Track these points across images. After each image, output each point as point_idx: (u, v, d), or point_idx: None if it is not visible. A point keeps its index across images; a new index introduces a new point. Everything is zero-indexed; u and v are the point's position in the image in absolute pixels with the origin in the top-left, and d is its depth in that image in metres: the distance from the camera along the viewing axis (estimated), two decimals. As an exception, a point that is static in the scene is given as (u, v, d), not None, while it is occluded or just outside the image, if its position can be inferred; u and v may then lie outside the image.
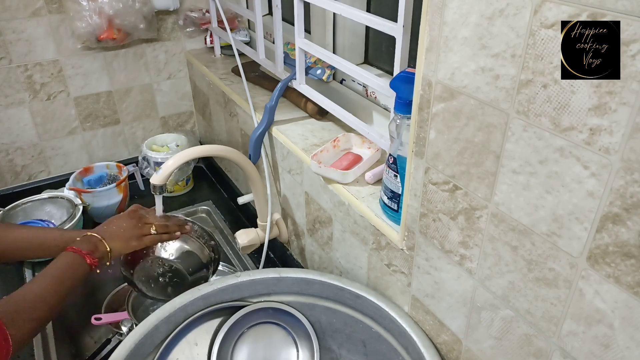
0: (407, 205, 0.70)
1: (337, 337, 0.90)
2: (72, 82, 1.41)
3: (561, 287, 0.51)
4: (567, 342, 0.52)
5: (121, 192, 1.33)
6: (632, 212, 0.42)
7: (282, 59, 1.12)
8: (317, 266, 1.07)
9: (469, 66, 0.53)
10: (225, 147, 0.99)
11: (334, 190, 0.88)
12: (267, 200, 1.09)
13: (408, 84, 0.65)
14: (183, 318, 0.83)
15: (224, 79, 1.33)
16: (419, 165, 0.65)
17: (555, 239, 0.50)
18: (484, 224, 0.58)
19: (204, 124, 1.60)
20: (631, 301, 0.45)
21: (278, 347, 0.89)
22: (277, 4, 1.03)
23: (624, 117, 0.40)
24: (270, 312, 0.87)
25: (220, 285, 0.85)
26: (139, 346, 0.77)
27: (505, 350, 0.61)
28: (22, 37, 1.30)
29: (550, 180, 0.48)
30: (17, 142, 1.41)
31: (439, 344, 0.74)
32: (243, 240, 1.11)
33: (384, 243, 0.79)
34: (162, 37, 1.48)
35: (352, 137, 0.96)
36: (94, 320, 1.04)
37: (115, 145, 1.56)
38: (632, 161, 0.41)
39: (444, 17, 0.54)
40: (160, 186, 0.91)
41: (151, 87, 1.54)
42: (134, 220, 0.92)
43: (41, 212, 1.28)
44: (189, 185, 1.53)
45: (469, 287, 0.64)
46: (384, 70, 1.05)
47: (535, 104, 0.47)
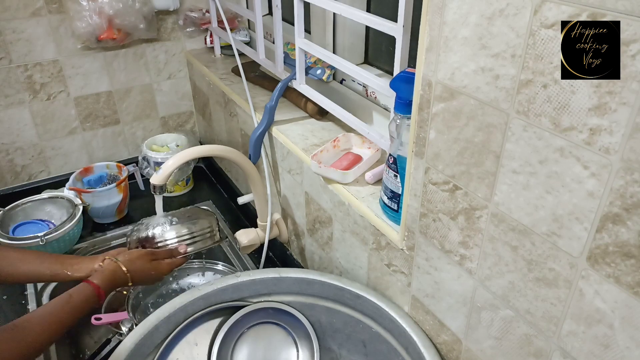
0: (407, 205, 0.70)
1: (337, 337, 0.90)
2: (72, 82, 1.41)
3: (561, 287, 0.51)
4: (567, 342, 0.52)
5: (121, 192, 1.33)
6: (632, 212, 0.42)
7: (282, 59, 1.12)
8: (317, 266, 1.07)
9: (469, 66, 0.53)
10: (225, 147, 0.99)
11: (334, 190, 0.88)
12: (267, 200, 1.09)
13: (408, 84, 0.65)
14: (183, 318, 0.83)
15: (224, 79, 1.33)
16: (419, 165, 0.65)
17: (555, 239, 0.50)
18: (484, 224, 0.58)
19: (204, 124, 1.60)
20: (631, 301, 0.45)
21: (278, 347, 0.89)
22: (277, 4, 1.03)
23: (624, 117, 0.40)
24: (270, 312, 0.87)
25: (220, 285, 0.85)
26: (139, 346, 0.77)
27: (505, 350, 0.61)
28: (22, 37, 1.29)
29: (550, 180, 0.48)
30: (17, 142, 1.41)
31: (439, 344, 0.74)
32: (243, 240, 1.11)
33: (384, 243, 0.79)
34: (162, 37, 1.48)
35: (352, 137, 0.96)
36: (94, 320, 1.04)
37: (115, 145, 1.56)
38: (632, 161, 0.41)
39: (444, 17, 0.54)
40: (160, 186, 0.92)
41: (151, 87, 1.54)
42: (146, 258, 0.92)
43: (41, 212, 1.27)
44: (189, 185, 1.53)
45: (469, 287, 0.64)
46: (384, 70, 1.05)
47: (535, 104, 0.47)
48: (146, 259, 0.91)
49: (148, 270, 0.90)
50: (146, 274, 0.90)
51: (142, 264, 0.90)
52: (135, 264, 0.89)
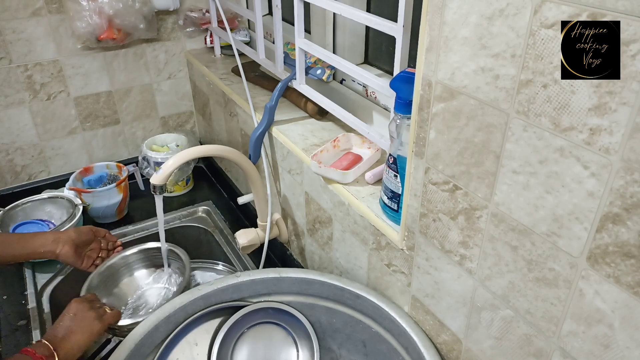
0: (407, 205, 0.70)
1: (337, 337, 0.90)
2: (72, 82, 1.41)
3: (561, 287, 0.51)
4: (567, 342, 0.52)
5: (121, 192, 1.33)
6: (632, 212, 0.42)
7: (282, 59, 1.12)
8: (317, 266, 1.07)
9: (469, 66, 0.53)
10: (225, 147, 0.99)
11: (334, 190, 0.88)
12: (267, 200, 1.09)
13: (408, 84, 0.65)
14: (183, 318, 0.83)
15: (224, 79, 1.33)
16: (419, 165, 0.65)
17: (555, 239, 0.50)
18: (484, 224, 0.58)
19: (204, 124, 1.60)
20: (631, 301, 0.45)
21: (278, 347, 0.89)
22: (277, 4, 1.03)
23: (624, 117, 0.40)
24: (270, 312, 0.87)
25: (220, 285, 0.85)
26: (139, 346, 0.77)
27: (505, 350, 0.61)
28: (22, 37, 1.29)
29: (550, 180, 0.48)
30: (17, 142, 1.41)
31: (439, 344, 0.74)
32: (243, 240, 1.11)
33: (384, 243, 0.79)
34: (162, 37, 1.48)
35: (352, 137, 0.96)
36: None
37: (115, 145, 1.56)
38: (632, 161, 0.41)
39: (444, 17, 0.54)
40: (160, 186, 0.91)
41: (151, 87, 1.54)
42: (84, 304, 0.86)
43: (41, 212, 1.28)
44: (189, 185, 1.53)
45: (469, 287, 0.64)
46: (384, 70, 1.05)
47: (535, 104, 0.47)
48: (79, 309, 0.84)
49: (83, 326, 0.82)
50: (80, 330, 0.81)
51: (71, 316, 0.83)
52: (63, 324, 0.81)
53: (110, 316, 0.88)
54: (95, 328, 0.83)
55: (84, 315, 0.83)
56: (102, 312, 0.87)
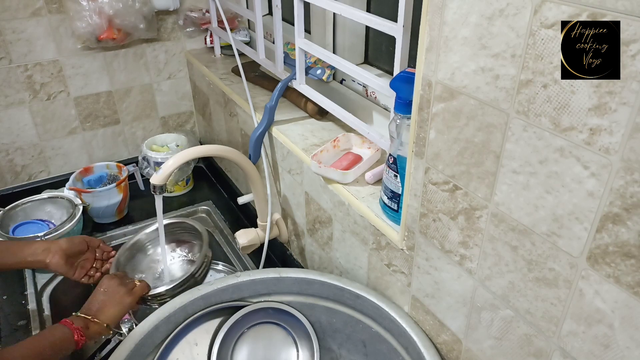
0: (407, 205, 0.70)
1: (337, 337, 0.90)
2: (72, 82, 1.41)
3: (561, 287, 0.51)
4: (567, 342, 0.52)
5: (121, 192, 1.33)
6: (632, 212, 0.42)
7: (282, 59, 1.12)
8: (317, 266, 1.07)
9: (469, 66, 0.53)
10: (225, 147, 0.99)
11: (334, 190, 0.88)
12: (267, 200, 1.09)
13: (408, 84, 0.65)
14: (183, 318, 0.83)
15: (224, 79, 1.33)
16: (419, 165, 0.65)
17: (555, 239, 0.50)
18: (484, 224, 0.58)
19: (204, 124, 1.60)
20: (631, 301, 0.45)
21: (278, 347, 0.89)
22: (277, 4, 1.03)
23: (624, 117, 0.40)
24: (270, 312, 0.87)
25: (220, 285, 0.85)
26: (139, 346, 0.77)
27: (505, 350, 0.61)
28: (22, 37, 1.29)
29: (550, 180, 0.48)
30: (17, 142, 1.41)
31: (439, 344, 0.74)
32: (243, 240, 1.11)
33: (384, 243, 0.79)
34: (162, 37, 1.48)
35: (352, 137, 0.96)
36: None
37: (115, 145, 1.56)
38: (632, 161, 0.41)
39: (444, 17, 0.54)
40: (160, 186, 0.91)
41: (151, 87, 1.54)
42: (115, 280, 0.92)
43: (41, 212, 1.28)
44: (189, 185, 1.53)
45: (469, 287, 0.64)
46: (384, 70, 1.05)
47: (535, 104, 0.47)
48: (111, 284, 0.91)
49: (116, 299, 0.89)
50: (112, 303, 0.88)
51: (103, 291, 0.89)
52: (96, 299, 0.88)
53: (140, 288, 0.93)
54: (127, 300, 0.90)
55: (116, 290, 0.90)
56: (131, 285, 0.93)
